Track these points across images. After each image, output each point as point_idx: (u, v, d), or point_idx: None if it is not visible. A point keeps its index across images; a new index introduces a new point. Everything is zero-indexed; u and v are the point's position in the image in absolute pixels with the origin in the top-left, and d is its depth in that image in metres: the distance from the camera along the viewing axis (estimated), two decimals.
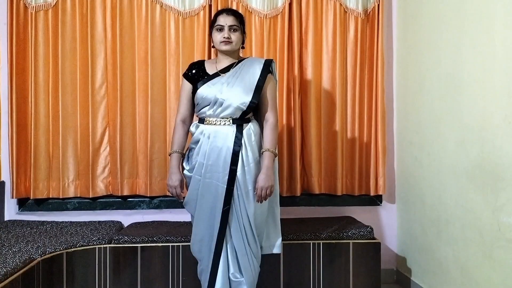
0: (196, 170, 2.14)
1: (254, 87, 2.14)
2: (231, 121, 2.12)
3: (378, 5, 3.06)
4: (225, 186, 2.08)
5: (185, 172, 2.21)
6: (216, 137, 2.10)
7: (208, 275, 2.13)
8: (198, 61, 2.33)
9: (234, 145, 2.08)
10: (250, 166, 2.10)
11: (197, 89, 2.16)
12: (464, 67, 2.29)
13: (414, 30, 2.90)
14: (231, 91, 2.11)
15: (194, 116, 2.31)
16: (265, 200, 2.12)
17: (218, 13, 2.21)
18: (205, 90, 2.13)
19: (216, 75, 2.18)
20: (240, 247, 2.12)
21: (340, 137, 3.07)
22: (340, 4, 3.04)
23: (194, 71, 2.23)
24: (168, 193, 2.98)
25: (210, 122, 2.14)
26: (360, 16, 3.06)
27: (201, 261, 2.21)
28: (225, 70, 2.19)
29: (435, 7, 2.61)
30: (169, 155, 2.23)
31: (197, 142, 2.15)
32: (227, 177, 2.07)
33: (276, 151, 2.17)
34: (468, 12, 2.26)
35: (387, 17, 3.17)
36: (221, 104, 2.10)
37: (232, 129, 2.11)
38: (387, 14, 3.16)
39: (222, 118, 2.12)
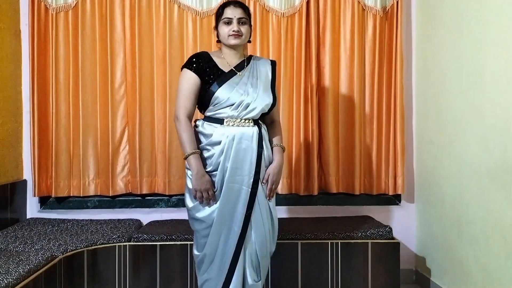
0: (219, 175, 2.01)
1: (270, 88, 2.12)
2: (252, 122, 2.05)
3: (397, 2, 3.03)
4: (250, 190, 2.00)
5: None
6: (242, 138, 2.00)
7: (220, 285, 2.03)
8: (202, 53, 2.13)
9: (258, 147, 2.02)
10: (268, 167, 2.09)
11: (210, 86, 2.02)
12: (487, 64, 2.25)
13: (434, 27, 2.86)
14: (255, 93, 2.05)
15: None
16: (273, 196, 2.13)
17: (225, 5, 2.08)
18: (228, 91, 2.01)
19: (233, 73, 2.07)
20: (262, 250, 2.07)
21: (358, 135, 3.05)
22: (358, 2, 3.02)
23: (203, 65, 2.05)
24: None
25: (233, 123, 2.03)
26: (378, 13, 3.03)
27: (208, 273, 2.07)
28: (238, 67, 2.10)
29: (456, 2, 2.57)
30: (186, 158, 2.03)
31: (217, 144, 2.01)
32: (252, 180, 2.00)
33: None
34: (490, 7, 2.22)
35: (406, 15, 3.13)
36: (247, 106, 2.02)
37: (255, 130, 2.04)
38: (406, 11, 3.12)
39: (246, 120, 2.04)
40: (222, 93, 2.01)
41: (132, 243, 2.60)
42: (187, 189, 2.13)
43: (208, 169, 2.04)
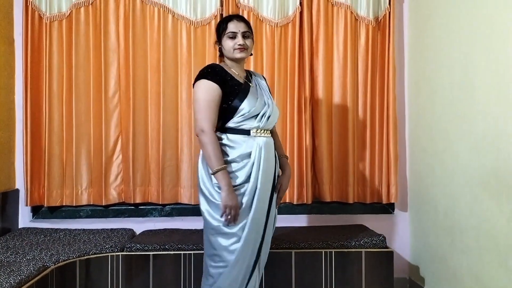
0: (252, 185, 1.97)
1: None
2: (269, 132, 2.10)
3: (390, 12, 3.06)
4: (269, 198, 2.05)
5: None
6: (268, 148, 2.03)
7: None
8: (218, 65, 2.09)
9: (275, 156, 2.09)
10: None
11: (235, 98, 1.99)
12: (477, 73, 2.27)
13: (425, 36, 2.89)
14: (272, 104, 2.11)
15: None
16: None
17: (227, 19, 2.09)
18: (253, 102, 2.01)
19: (248, 85, 2.08)
20: (263, 259, 2.10)
21: (351, 144, 3.06)
22: (351, 12, 3.05)
23: (224, 76, 2.02)
24: (180, 201, 3.01)
25: (259, 134, 2.02)
26: (371, 23, 3.06)
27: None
28: (247, 80, 2.12)
29: (447, 13, 2.60)
30: (215, 173, 1.92)
31: (247, 155, 1.98)
32: (271, 188, 2.05)
33: None
34: (480, 17, 2.25)
35: (398, 25, 3.16)
36: (268, 117, 2.05)
37: (272, 140, 2.10)
38: (398, 21, 3.16)
39: (266, 131, 2.07)
40: (249, 104, 2.00)
41: (125, 253, 2.58)
42: (208, 204, 1.99)
43: (237, 183, 1.96)
